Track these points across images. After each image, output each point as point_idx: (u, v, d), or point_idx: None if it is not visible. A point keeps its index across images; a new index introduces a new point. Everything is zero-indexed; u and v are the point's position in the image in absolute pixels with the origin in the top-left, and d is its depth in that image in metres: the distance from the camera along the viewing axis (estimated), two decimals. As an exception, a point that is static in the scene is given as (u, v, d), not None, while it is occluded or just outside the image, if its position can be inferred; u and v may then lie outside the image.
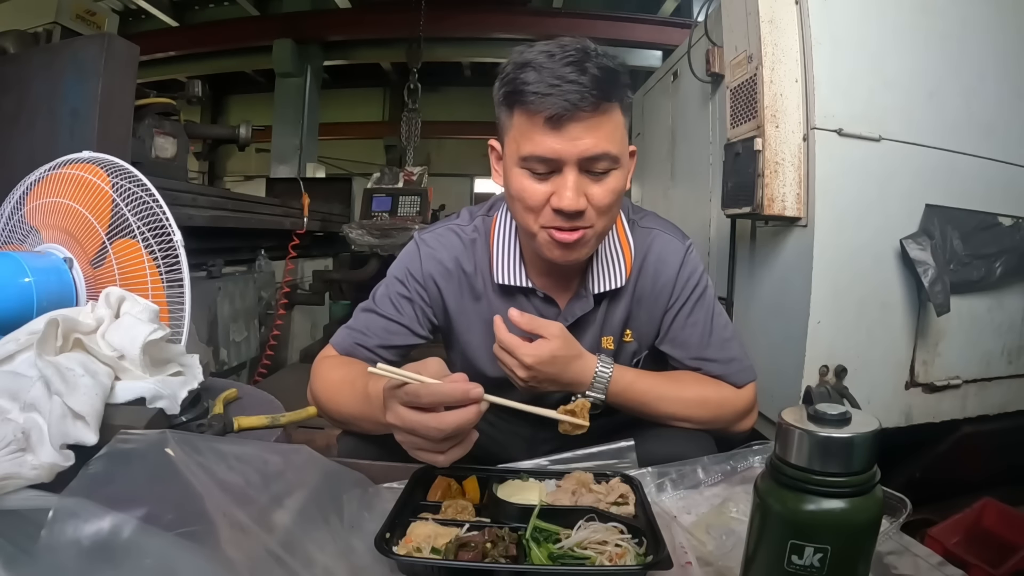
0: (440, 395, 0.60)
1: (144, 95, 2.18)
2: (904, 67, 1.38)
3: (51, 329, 0.64)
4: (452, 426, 0.60)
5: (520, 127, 0.76)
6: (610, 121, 0.75)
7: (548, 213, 0.77)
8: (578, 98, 0.71)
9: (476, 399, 0.61)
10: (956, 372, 1.47)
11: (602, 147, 0.74)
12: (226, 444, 0.52)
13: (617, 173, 0.77)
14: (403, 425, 0.62)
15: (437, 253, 0.92)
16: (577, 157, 0.74)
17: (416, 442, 0.63)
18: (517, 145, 0.77)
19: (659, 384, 0.86)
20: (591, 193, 0.76)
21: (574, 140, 0.73)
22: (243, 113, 6.61)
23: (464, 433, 0.63)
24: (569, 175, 0.74)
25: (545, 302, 0.90)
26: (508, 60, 0.78)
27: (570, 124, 0.72)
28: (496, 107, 0.81)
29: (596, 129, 0.73)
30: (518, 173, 0.78)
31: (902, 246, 1.35)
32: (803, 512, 0.42)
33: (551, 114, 0.72)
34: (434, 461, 0.64)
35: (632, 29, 5.62)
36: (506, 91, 0.76)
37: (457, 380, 0.62)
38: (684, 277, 0.91)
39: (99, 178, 0.94)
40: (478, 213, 0.96)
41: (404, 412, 0.62)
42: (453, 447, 0.63)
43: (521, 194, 0.78)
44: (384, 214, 3.27)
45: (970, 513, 1.34)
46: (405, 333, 0.91)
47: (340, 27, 6.18)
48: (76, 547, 0.38)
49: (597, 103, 0.72)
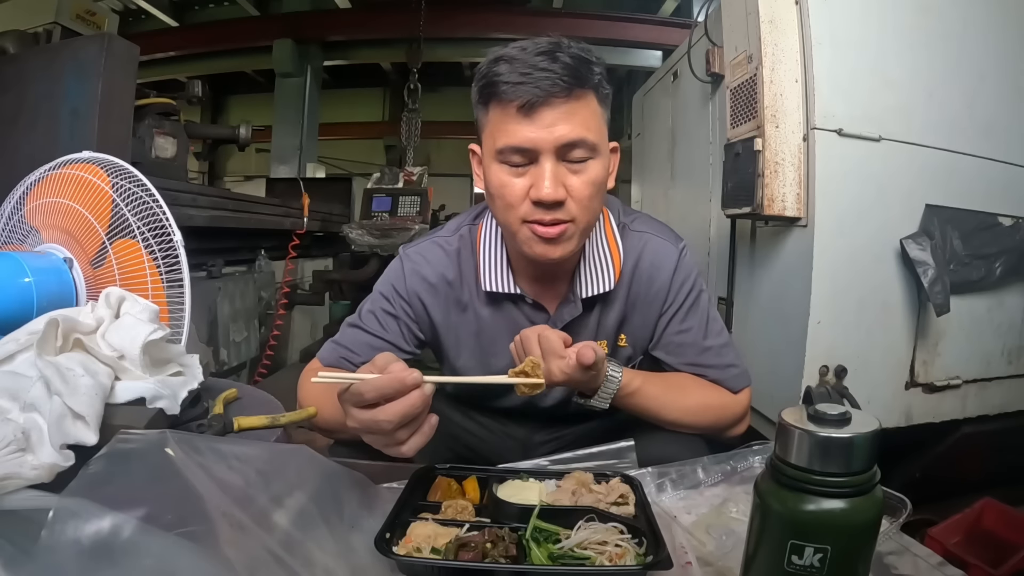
0: (379, 388, 0.61)
1: (144, 95, 2.17)
2: (904, 67, 1.38)
3: (51, 329, 0.64)
4: (397, 415, 0.60)
5: (495, 121, 0.76)
6: (585, 108, 0.75)
7: (528, 206, 0.76)
8: (549, 84, 0.71)
9: (414, 384, 0.61)
10: (956, 372, 1.47)
11: (578, 133, 0.73)
12: (226, 444, 0.52)
13: (596, 163, 0.76)
14: (359, 425, 0.63)
15: (421, 268, 0.92)
16: (553, 144, 0.73)
17: (375, 439, 0.64)
18: (493, 139, 0.77)
19: (664, 389, 0.86)
20: (570, 184, 0.75)
21: (549, 127, 0.73)
22: (243, 113, 6.62)
23: (418, 419, 0.63)
24: (546, 164, 0.74)
25: (534, 308, 0.90)
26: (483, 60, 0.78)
27: (544, 111, 0.72)
28: (474, 109, 0.81)
29: (571, 116, 0.73)
30: (496, 169, 0.77)
31: (902, 246, 1.35)
32: (803, 512, 0.42)
33: (524, 102, 0.72)
34: (398, 452, 0.64)
35: (632, 29, 5.62)
36: (480, 86, 0.77)
37: (394, 370, 0.62)
38: (679, 282, 0.90)
39: (99, 178, 0.93)
40: (464, 223, 0.96)
41: (355, 412, 0.63)
42: (411, 435, 0.63)
43: (500, 190, 0.77)
44: (384, 214, 3.27)
45: (970, 513, 1.34)
46: (391, 350, 0.90)
47: (340, 27, 6.18)
48: (76, 547, 0.38)
49: (570, 89, 0.72)
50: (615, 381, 0.80)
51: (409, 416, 0.61)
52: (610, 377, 0.79)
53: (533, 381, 0.68)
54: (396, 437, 0.63)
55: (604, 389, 0.80)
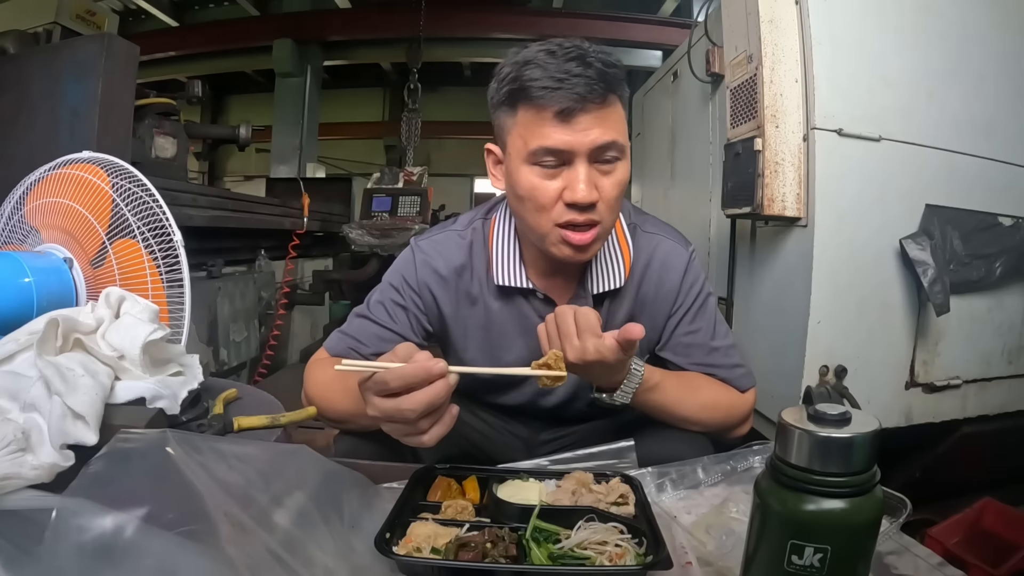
0: (405, 377, 0.61)
1: (144, 95, 2.17)
2: (904, 67, 1.38)
3: (51, 329, 0.64)
4: (423, 404, 0.61)
5: (526, 123, 0.76)
6: (615, 112, 0.77)
7: (560, 209, 0.77)
8: (587, 91, 0.73)
9: (440, 374, 0.61)
10: (956, 372, 1.47)
11: (610, 136, 0.75)
12: (226, 444, 0.52)
13: (623, 164, 0.79)
14: (380, 414, 0.63)
15: (432, 260, 0.92)
16: (588, 148, 0.75)
17: (396, 428, 0.64)
18: (524, 141, 0.77)
19: (680, 386, 0.86)
20: (601, 185, 0.77)
21: (584, 131, 0.74)
22: (243, 113, 6.61)
23: (440, 409, 0.63)
24: (580, 167, 0.75)
25: (545, 303, 0.90)
26: (505, 62, 0.79)
27: (580, 116, 0.74)
28: (493, 109, 0.81)
29: (604, 120, 0.75)
30: (526, 171, 0.78)
31: (902, 246, 1.35)
32: (803, 512, 0.42)
33: (561, 107, 0.73)
34: (419, 443, 0.64)
35: (632, 29, 5.62)
36: (510, 89, 0.77)
37: (420, 360, 0.62)
38: (688, 284, 0.91)
39: (99, 178, 0.93)
40: (477, 217, 0.96)
41: (378, 401, 0.63)
42: (433, 425, 0.63)
43: (532, 192, 0.78)
44: (384, 214, 3.27)
45: (970, 513, 1.34)
46: (398, 341, 0.90)
47: (340, 27, 6.17)
48: (77, 547, 0.38)
49: (604, 95, 0.74)
50: (638, 375, 0.79)
51: (433, 406, 0.61)
52: (633, 371, 0.79)
53: (556, 373, 0.68)
54: (419, 426, 0.63)
55: (627, 383, 0.79)
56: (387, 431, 0.65)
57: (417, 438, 0.64)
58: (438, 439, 0.64)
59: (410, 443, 0.65)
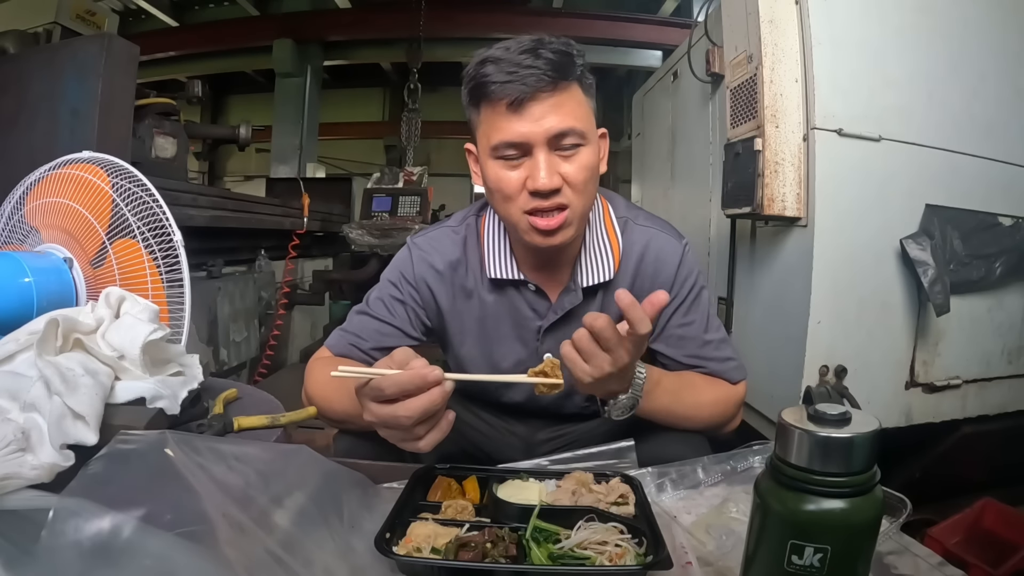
0: (401, 384, 0.61)
1: (144, 95, 2.17)
2: (904, 67, 1.38)
3: (51, 329, 0.64)
4: (418, 411, 0.61)
5: (487, 120, 0.80)
6: (571, 99, 0.78)
7: (525, 197, 0.79)
8: (535, 80, 0.75)
9: (435, 381, 0.61)
10: (956, 372, 1.47)
11: (566, 123, 0.77)
12: (226, 444, 0.52)
13: (586, 149, 0.80)
14: (377, 420, 0.63)
15: (429, 256, 0.94)
16: (544, 136, 0.77)
17: (392, 434, 0.64)
18: (487, 138, 0.80)
19: (678, 384, 0.86)
20: (564, 171, 0.79)
21: (538, 120, 0.76)
22: (243, 113, 6.59)
23: (436, 415, 0.63)
24: (539, 155, 0.77)
25: (537, 295, 0.92)
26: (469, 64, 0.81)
27: (532, 105, 0.76)
28: (465, 110, 0.85)
29: (558, 107, 0.77)
30: (492, 165, 0.81)
31: (902, 246, 1.35)
32: (803, 512, 0.42)
33: (512, 99, 0.76)
34: (415, 448, 0.65)
35: (632, 29, 5.62)
36: (470, 88, 0.81)
37: (416, 367, 0.62)
38: (683, 276, 0.92)
39: (99, 178, 0.94)
40: (470, 213, 0.98)
41: (374, 407, 0.63)
42: (429, 431, 0.64)
43: (498, 184, 0.80)
44: (384, 214, 3.27)
45: (970, 513, 1.34)
46: (398, 335, 0.92)
47: (340, 27, 6.17)
48: (76, 547, 0.38)
49: (555, 82, 0.76)
50: (641, 376, 0.79)
51: (429, 412, 0.62)
52: (638, 374, 0.79)
53: (552, 381, 0.68)
54: (414, 433, 0.63)
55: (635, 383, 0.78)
56: (384, 436, 0.66)
57: (413, 444, 0.64)
58: (434, 445, 0.64)
59: (406, 448, 0.66)
